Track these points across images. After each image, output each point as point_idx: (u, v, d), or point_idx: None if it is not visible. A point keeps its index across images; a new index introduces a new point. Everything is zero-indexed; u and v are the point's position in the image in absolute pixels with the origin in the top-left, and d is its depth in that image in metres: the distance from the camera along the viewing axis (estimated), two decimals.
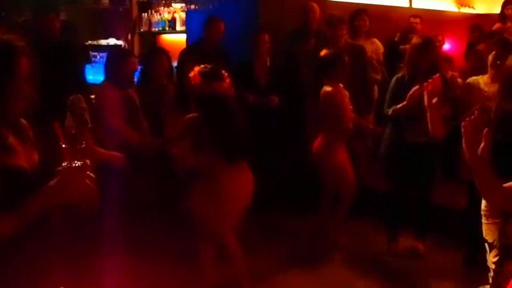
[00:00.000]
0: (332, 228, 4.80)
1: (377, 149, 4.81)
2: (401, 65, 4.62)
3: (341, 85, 4.59)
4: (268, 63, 5.46)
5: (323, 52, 4.74)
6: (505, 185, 2.06)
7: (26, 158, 1.83)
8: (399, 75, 4.45)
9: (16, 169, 1.77)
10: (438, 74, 3.10)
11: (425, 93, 2.92)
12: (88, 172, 1.76)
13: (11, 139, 1.81)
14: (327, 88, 4.55)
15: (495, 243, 2.92)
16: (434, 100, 2.91)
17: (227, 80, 3.57)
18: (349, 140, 4.78)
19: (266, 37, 5.32)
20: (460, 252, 4.34)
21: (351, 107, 4.59)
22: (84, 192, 1.75)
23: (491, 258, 2.94)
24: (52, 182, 1.72)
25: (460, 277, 4.16)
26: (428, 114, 2.98)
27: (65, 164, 1.72)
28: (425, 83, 2.91)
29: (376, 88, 5.74)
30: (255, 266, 4.28)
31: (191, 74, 3.59)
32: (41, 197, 1.73)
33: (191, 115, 3.51)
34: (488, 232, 2.95)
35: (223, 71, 3.63)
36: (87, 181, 1.75)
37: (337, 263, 4.54)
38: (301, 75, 5.48)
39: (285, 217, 5.30)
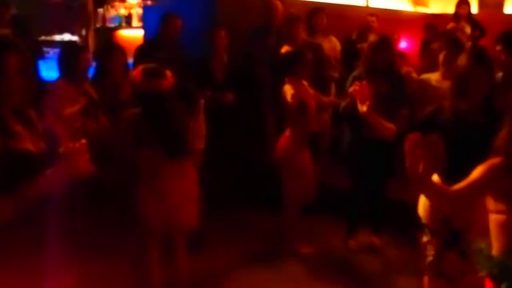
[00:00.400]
0: (290, 235, 4.68)
1: (337, 146, 4.85)
2: (358, 63, 4.66)
3: (304, 83, 4.50)
4: (226, 60, 5.42)
5: (284, 49, 4.69)
6: (454, 188, 2.08)
7: (33, 144, 1.95)
8: (356, 73, 4.47)
9: (23, 151, 1.88)
10: (365, 81, 3.13)
11: (357, 100, 2.95)
12: (86, 153, 1.87)
13: (18, 128, 1.94)
14: (288, 87, 4.43)
15: (435, 230, 2.99)
16: (364, 108, 2.94)
17: (169, 79, 3.53)
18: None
19: (223, 33, 5.28)
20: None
21: (314, 106, 4.48)
22: (84, 173, 1.86)
23: (432, 245, 3.02)
24: (54, 166, 1.82)
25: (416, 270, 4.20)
26: (368, 120, 3.01)
27: (65, 146, 1.84)
28: (352, 91, 2.95)
29: (333, 85, 5.78)
30: (214, 264, 4.33)
31: (135, 71, 3.55)
32: (41, 182, 1.83)
33: (130, 111, 3.47)
34: (428, 220, 3.03)
35: (167, 70, 3.59)
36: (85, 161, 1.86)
37: (296, 259, 4.53)
38: (261, 73, 5.46)
39: (245, 215, 5.27)
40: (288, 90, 4.36)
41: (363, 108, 2.99)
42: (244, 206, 5.30)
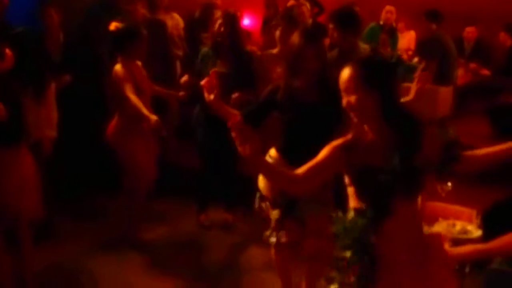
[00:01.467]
0: (134, 214, 4.51)
1: (186, 125, 4.80)
2: (205, 40, 4.64)
3: (138, 63, 4.25)
4: (62, 39, 5.09)
5: (113, 26, 4.34)
6: (297, 171, 2.12)
7: None
8: (203, 50, 4.47)
9: None
10: (214, 70, 3.15)
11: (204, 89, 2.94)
12: None
13: None
14: (118, 67, 4.11)
15: (274, 201, 3.11)
16: (212, 96, 2.94)
17: (8, 59, 3.24)
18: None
19: (52, 11, 4.95)
20: None
21: (149, 88, 4.27)
22: None
23: (273, 215, 3.14)
24: None
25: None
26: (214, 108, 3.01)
27: None
28: (203, 84, 2.93)
29: (178, 63, 5.70)
30: (62, 254, 4.18)
31: None
32: None
33: None
34: (267, 191, 3.13)
35: (7, 50, 3.29)
36: None
37: (149, 244, 4.46)
38: (102, 53, 5.20)
39: (98, 203, 5.11)
40: (119, 71, 4.09)
41: (210, 97, 2.95)
42: (97, 194, 5.11)
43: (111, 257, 4.20)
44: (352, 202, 2.11)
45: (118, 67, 4.11)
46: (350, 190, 2.12)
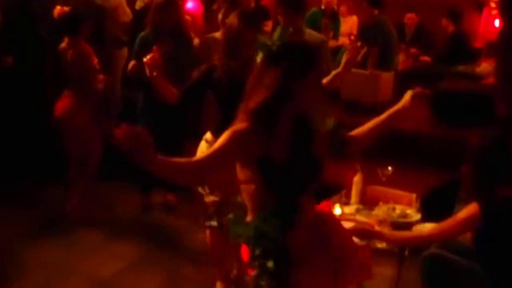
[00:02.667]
0: (77, 195, 4.54)
1: (128, 109, 4.71)
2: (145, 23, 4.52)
3: (83, 42, 4.35)
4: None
5: (59, 10, 4.40)
6: (195, 159, 2.03)
7: None
8: (143, 34, 4.37)
9: None
10: (156, 46, 3.07)
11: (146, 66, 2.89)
12: None
13: None
14: (64, 45, 4.31)
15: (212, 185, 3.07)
16: (155, 73, 2.90)
17: None
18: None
19: None
20: None
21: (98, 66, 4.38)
22: None
23: (209, 199, 3.13)
24: None
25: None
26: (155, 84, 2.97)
27: None
28: (144, 58, 2.90)
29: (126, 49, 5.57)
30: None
31: None
32: None
33: None
34: None
35: None
36: None
37: (88, 227, 4.38)
38: (43, 32, 5.02)
39: (28, 185, 4.93)
40: (68, 49, 4.23)
41: (153, 73, 2.90)
42: (31, 177, 4.96)
43: (52, 241, 4.13)
44: (253, 201, 2.00)
45: (64, 45, 4.31)
46: (249, 188, 1.99)
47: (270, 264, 1.91)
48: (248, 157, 1.95)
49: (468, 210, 2.58)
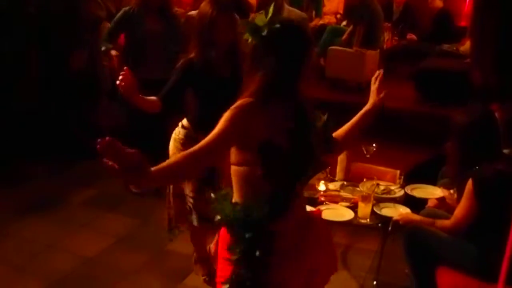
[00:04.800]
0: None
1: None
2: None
3: None
4: None
5: None
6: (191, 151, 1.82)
7: None
8: (128, 8, 4.32)
9: None
10: (127, 69, 2.88)
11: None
12: None
13: None
14: None
15: None
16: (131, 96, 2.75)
17: None
18: None
19: None
20: None
21: None
22: None
23: (188, 189, 3.05)
24: None
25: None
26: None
27: None
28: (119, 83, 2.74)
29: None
30: None
31: None
32: None
33: None
34: None
35: None
36: None
37: (77, 205, 4.44)
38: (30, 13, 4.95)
39: (17, 164, 4.93)
40: None
41: (128, 96, 2.73)
42: (20, 156, 4.95)
43: (39, 218, 4.15)
44: (242, 184, 1.92)
45: None
46: (241, 170, 1.91)
47: (256, 251, 1.85)
48: (249, 140, 1.85)
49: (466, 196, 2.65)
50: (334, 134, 2.18)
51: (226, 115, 1.83)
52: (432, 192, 3.29)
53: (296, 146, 1.90)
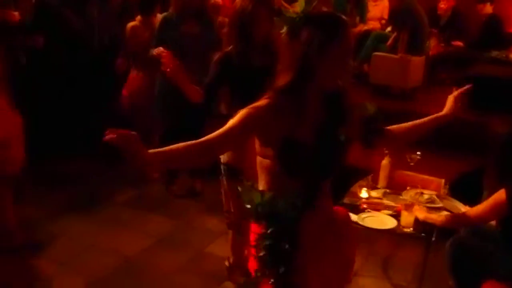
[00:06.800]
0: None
1: None
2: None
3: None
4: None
5: None
6: (206, 138, 1.84)
7: None
8: (166, 14, 4.39)
9: None
10: (164, 47, 2.86)
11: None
12: None
13: None
14: (137, 23, 4.82)
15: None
16: (170, 69, 2.77)
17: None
18: None
19: None
20: None
21: None
22: None
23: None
24: None
25: None
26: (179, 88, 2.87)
27: None
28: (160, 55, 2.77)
29: None
30: (34, 213, 4.19)
31: None
32: None
33: None
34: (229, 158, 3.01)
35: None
36: None
37: (118, 204, 4.52)
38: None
39: (65, 163, 5.05)
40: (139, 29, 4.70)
41: (169, 70, 2.78)
42: (67, 156, 5.07)
43: (82, 217, 4.24)
44: (266, 176, 1.91)
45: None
46: (265, 162, 1.90)
47: (282, 245, 1.82)
48: (269, 137, 1.85)
49: (496, 197, 2.54)
50: (395, 127, 2.10)
51: (241, 113, 1.83)
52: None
53: (323, 141, 1.85)
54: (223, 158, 2.94)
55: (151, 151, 1.68)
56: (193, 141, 1.77)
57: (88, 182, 4.84)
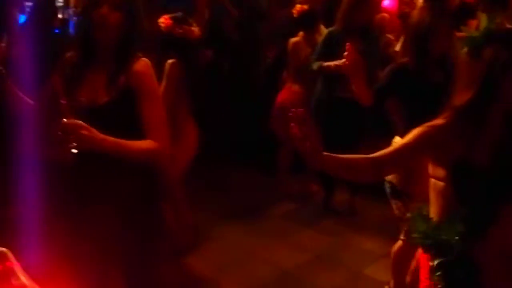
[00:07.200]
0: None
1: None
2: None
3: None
4: (206, 16, 5.24)
5: (299, 8, 4.80)
6: (377, 154, 1.86)
7: None
8: (332, 29, 4.35)
9: None
10: (349, 44, 2.84)
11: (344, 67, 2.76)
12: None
13: None
14: (300, 39, 4.80)
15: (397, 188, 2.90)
16: (356, 73, 2.73)
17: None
18: None
19: None
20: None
21: None
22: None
23: (394, 206, 2.96)
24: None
25: (390, 230, 4.15)
26: (353, 85, 2.83)
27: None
28: (344, 63, 2.74)
29: None
30: (195, 219, 4.27)
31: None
32: None
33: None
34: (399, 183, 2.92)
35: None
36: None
37: (277, 216, 4.58)
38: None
39: (229, 171, 5.27)
40: (301, 44, 4.71)
41: (354, 72, 2.77)
42: (230, 163, 5.32)
43: (241, 225, 4.34)
44: (439, 200, 1.82)
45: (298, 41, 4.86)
46: (438, 185, 1.82)
47: (456, 274, 1.74)
48: (442, 157, 1.79)
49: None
50: None
51: (415, 130, 1.82)
52: None
53: (500, 164, 1.73)
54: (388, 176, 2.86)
55: (325, 153, 1.73)
56: (364, 155, 1.81)
57: (248, 192, 4.97)
